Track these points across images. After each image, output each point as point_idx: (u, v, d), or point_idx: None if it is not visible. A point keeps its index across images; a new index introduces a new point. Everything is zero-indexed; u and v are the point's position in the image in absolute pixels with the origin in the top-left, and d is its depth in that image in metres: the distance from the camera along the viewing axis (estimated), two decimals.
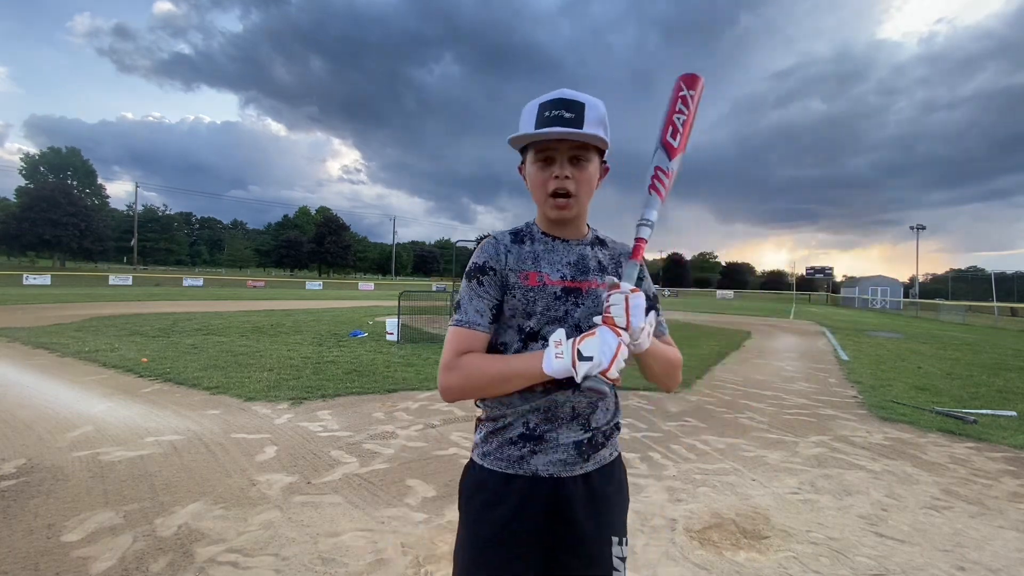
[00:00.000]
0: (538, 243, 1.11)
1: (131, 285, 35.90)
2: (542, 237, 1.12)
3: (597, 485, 1.08)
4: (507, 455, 1.06)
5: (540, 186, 1.06)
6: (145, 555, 2.28)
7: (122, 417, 4.32)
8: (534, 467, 1.05)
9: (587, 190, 1.07)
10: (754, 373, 7.70)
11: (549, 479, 1.05)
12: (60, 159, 65.08)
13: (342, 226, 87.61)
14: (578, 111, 1.00)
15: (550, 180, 1.05)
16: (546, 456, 1.05)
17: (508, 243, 1.11)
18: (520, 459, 1.05)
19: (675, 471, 3.52)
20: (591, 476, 1.08)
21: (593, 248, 1.14)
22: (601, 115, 1.04)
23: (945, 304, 31.19)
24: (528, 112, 1.05)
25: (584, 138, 1.00)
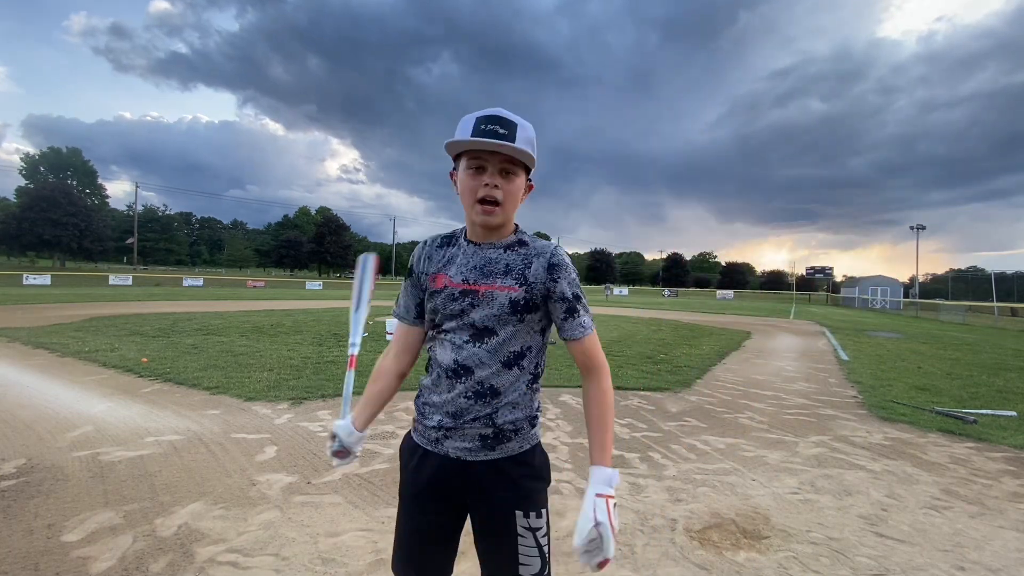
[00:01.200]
0: (457, 247, 1.24)
1: (131, 285, 35.90)
2: (463, 243, 1.24)
3: (506, 469, 1.19)
4: (427, 435, 1.23)
5: (470, 192, 1.15)
6: (145, 555, 2.28)
7: (122, 417, 4.32)
8: (446, 449, 1.20)
9: (513, 201, 1.16)
10: (754, 373, 7.70)
11: (458, 460, 1.19)
12: (60, 159, 65.12)
13: (342, 226, 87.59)
14: (511, 129, 1.10)
15: (480, 187, 1.13)
16: (454, 442, 1.19)
17: (433, 248, 1.27)
18: (436, 440, 1.21)
19: (675, 471, 3.52)
20: (499, 463, 1.19)
21: (508, 251, 1.21)
22: (530, 137, 1.14)
23: (945, 304, 31.18)
24: (464, 123, 1.14)
25: (515, 152, 1.10)
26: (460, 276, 1.19)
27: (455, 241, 1.26)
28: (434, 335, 1.25)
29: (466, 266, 1.20)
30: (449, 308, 1.18)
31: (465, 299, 1.17)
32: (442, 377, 1.20)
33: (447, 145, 1.15)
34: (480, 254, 1.20)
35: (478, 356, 1.16)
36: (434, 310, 1.21)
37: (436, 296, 1.20)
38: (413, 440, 1.28)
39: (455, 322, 1.18)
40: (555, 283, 1.17)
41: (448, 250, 1.24)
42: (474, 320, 1.16)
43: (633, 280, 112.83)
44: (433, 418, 1.22)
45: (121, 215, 77.83)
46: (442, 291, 1.19)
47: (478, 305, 1.16)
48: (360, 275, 1.58)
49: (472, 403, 1.17)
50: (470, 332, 1.17)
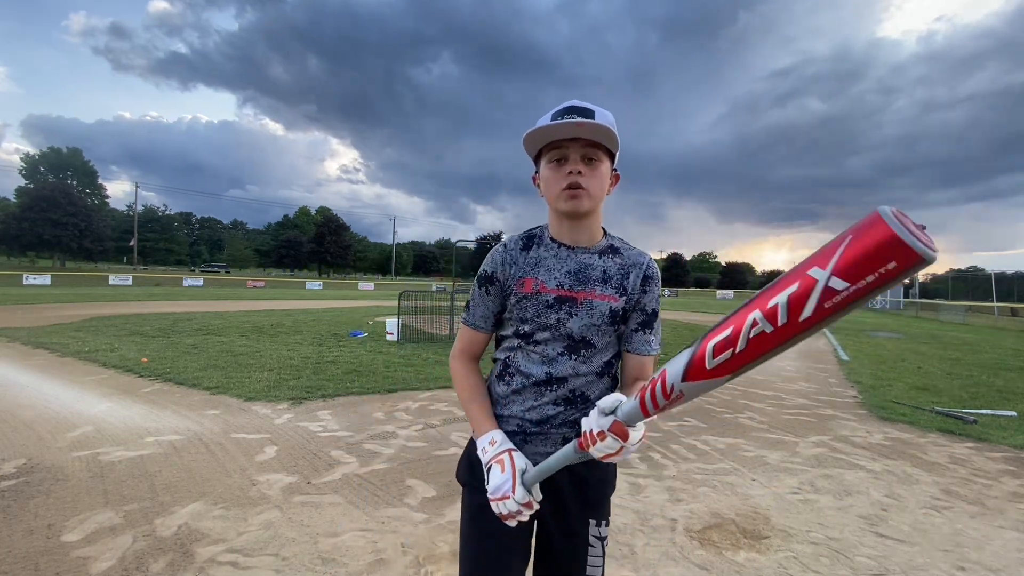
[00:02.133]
0: (544, 249, 1.13)
1: (131, 285, 35.90)
2: (550, 243, 1.14)
3: (583, 474, 1.15)
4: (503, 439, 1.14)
5: (553, 183, 1.07)
6: (145, 555, 2.28)
7: (122, 417, 4.32)
8: (528, 452, 1.13)
9: (599, 188, 1.08)
10: (754, 373, 7.69)
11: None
12: (60, 159, 65.11)
13: (342, 226, 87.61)
14: (588, 114, 1.04)
15: (563, 177, 1.06)
16: (536, 447, 1.13)
17: (516, 250, 1.14)
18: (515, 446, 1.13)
19: (675, 471, 3.52)
20: (576, 469, 1.13)
21: (603, 256, 1.13)
22: (611, 121, 1.06)
23: (945, 304, 31.18)
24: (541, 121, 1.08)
25: (596, 131, 1.02)
26: (554, 281, 1.10)
27: (539, 242, 1.15)
28: (517, 344, 1.14)
29: (560, 271, 1.10)
30: (544, 317, 1.09)
31: (562, 307, 1.09)
32: (527, 387, 1.12)
33: (526, 141, 1.08)
34: (574, 259, 1.11)
35: (574, 368, 1.10)
36: (522, 318, 1.11)
37: (526, 303, 1.10)
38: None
39: (549, 333, 1.10)
40: (644, 295, 1.13)
41: (533, 252, 1.14)
42: (572, 331, 1.09)
43: None
44: (510, 423, 1.15)
45: (121, 215, 77.84)
46: (533, 297, 1.09)
47: (576, 314, 1.08)
48: None
49: (561, 409, 1.12)
50: (565, 343, 1.10)
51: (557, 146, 1.06)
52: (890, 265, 0.51)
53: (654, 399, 0.81)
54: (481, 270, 1.17)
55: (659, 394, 0.80)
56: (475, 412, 1.15)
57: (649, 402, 0.82)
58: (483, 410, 1.15)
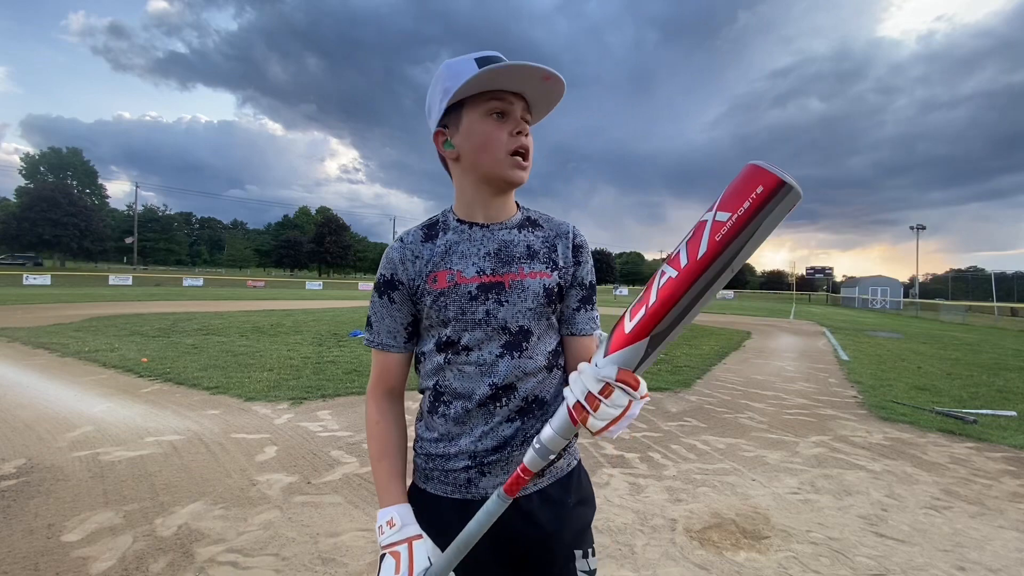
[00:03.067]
0: (452, 233, 0.95)
1: (131, 285, 35.90)
2: (457, 226, 0.95)
3: (556, 498, 0.97)
4: (453, 479, 0.95)
5: (497, 143, 0.88)
6: (145, 555, 2.28)
7: (122, 417, 4.32)
8: (483, 490, 0.94)
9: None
10: (754, 373, 7.70)
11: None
12: (60, 159, 65.13)
13: (342, 226, 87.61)
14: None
15: (510, 138, 0.89)
16: (495, 478, 0.94)
17: (416, 243, 0.95)
18: (468, 482, 0.94)
19: (675, 471, 3.52)
20: (547, 491, 0.97)
21: (522, 230, 0.97)
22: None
23: (945, 304, 31.19)
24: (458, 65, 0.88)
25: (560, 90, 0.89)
26: (473, 268, 0.92)
27: (443, 227, 0.96)
28: (444, 360, 0.94)
29: (477, 255, 0.93)
30: (469, 313, 0.90)
31: (488, 296, 0.90)
32: (470, 412, 0.93)
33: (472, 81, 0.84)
34: (492, 237, 0.94)
35: (520, 369, 0.92)
36: (443, 321, 0.92)
37: (443, 300, 0.91)
38: (427, 494, 0.98)
39: (479, 331, 0.91)
40: (578, 266, 0.98)
41: (440, 240, 0.95)
42: (505, 321, 0.91)
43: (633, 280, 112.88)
44: (461, 459, 0.94)
45: (121, 215, 77.89)
46: (451, 291, 0.90)
47: (507, 300, 0.91)
48: None
49: (519, 425, 0.93)
50: (501, 339, 0.91)
51: (499, 97, 0.88)
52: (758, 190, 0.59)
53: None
54: (377, 276, 0.96)
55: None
56: (381, 474, 0.94)
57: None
58: (391, 472, 0.94)
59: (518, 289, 0.92)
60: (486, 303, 0.90)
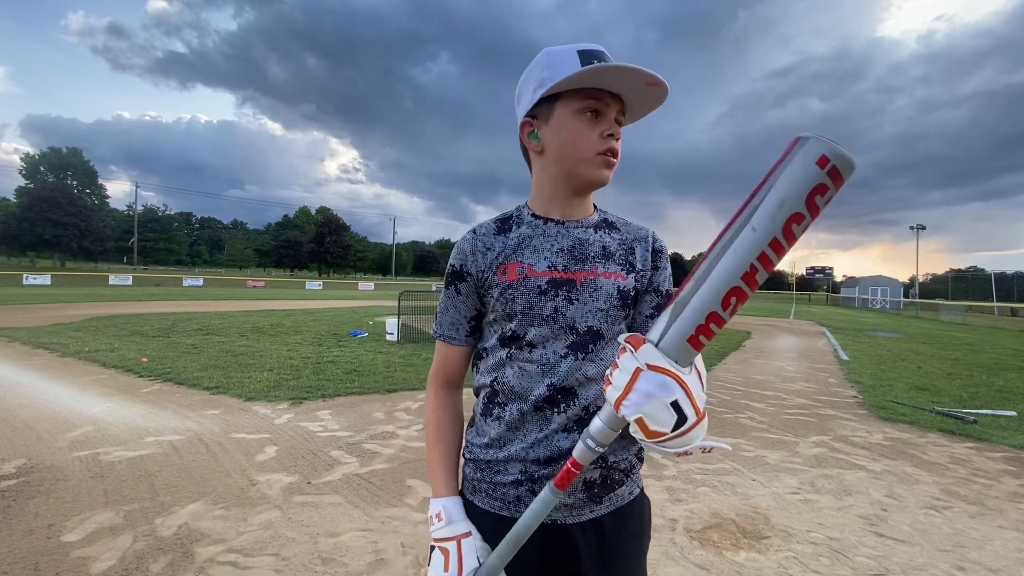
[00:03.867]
0: (525, 227, 0.92)
1: (131, 285, 35.90)
2: (532, 220, 0.92)
3: (611, 530, 0.89)
4: (501, 495, 0.89)
5: (587, 142, 0.85)
6: (145, 555, 2.28)
7: (122, 417, 4.32)
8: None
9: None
10: (754, 373, 7.70)
11: (553, 525, 0.87)
12: (60, 159, 65.15)
13: (342, 226, 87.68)
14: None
15: (601, 139, 0.85)
16: None
17: (489, 235, 0.92)
18: (517, 500, 0.88)
19: (675, 471, 3.52)
20: (602, 521, 0.89)
21: (598, 231, 0.93)
22: None
23: (945, 304, 31.19)
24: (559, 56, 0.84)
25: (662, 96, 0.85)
26: (545, 262, 0.88)
27: (517, 221, 0.93)
28: (505, 356, 0.89)
29: (550, 250, 0.89)
30: (536, 308, 0.86)
31: (558, 292, 0.86)
32: (527, 414, 0.87)
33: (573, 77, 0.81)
34: (567, 234, 0.90)
35: (583, 372, 0.86)
36: (509, 314, 0.87)
37: (511, 293, 0.87)
38: (474, 506, 0.91)
39: (545, 328, 0.86)
40: (656, 272, 0.93)
41: (513, 233, 0.91)
42: (573, 320, 0.86)
43: None
44: (510, 470, 0.88)
45: (121, 215, 77.96)
46: (519, 284, 0.86)
47: (577, 299, 0.86)
48: None
49: (576, 437, 0.85)
50: (568, 339, 0.86)
51: (597, 96, 0.84)
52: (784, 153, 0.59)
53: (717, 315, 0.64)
54: (448, 266, 0.94)
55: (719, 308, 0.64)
56: (434, 461, 0.92)
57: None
58: (443, 461, 0.92)
59: (590, 288, 0.87)
60: (555, 299, 0.86)
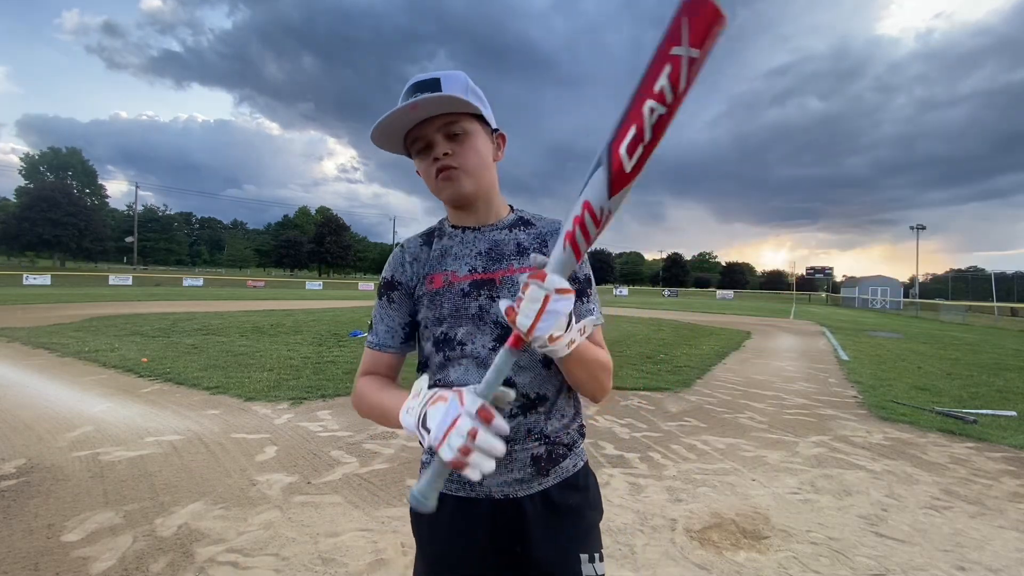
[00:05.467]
0: (447, 238, 1.02)
1: (131, 285, 35.90)
2: (451, 231, 1.02)
3: (559, 500, 0.98)
4: (457, 476, 0.95)
5: (426, 174, 0.97)
6: (145, 555, 2.28)
7: (122, 417, 4.32)
8: (487, 488, 0.96)
9: (477, 160, 0.95)
10: (754, 373, 7.70)
11: (504, 500, 0.96)
12: (60, 159, 65.14)
13: (342, 226, 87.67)
14: (435, 86, 0.92)
15: (431, 164, 0.95)
16: (499, 476, 0.95)
17: (416, 248, 1.03)
18: (472, 481, 0.94)
19: (675, 471, 3.52)
20: (550, 492, 0.98)
21: (513, 230, 1.02)
22: (463, 83, 0.95)
23: (945, 304, 31.19)
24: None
25: (439, 104, 0.89)
26: (466, 267, 0.98)
27: (440, 234, 1.04)
28: (441, 359, 0.98)
29: (469, 255, 0.99)
30: (462, 310, 0.96)
31: (480, 292, 0.96)
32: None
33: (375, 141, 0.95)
34: (483, 238, 1.00)
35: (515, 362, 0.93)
36: (438, 319, 0.98)
37: (439, 299, 0.97)
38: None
39: (471, 326, 0.95)
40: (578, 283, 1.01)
41: (435, 246, 1.02)
42: (496, 316, 0.95)
43: (633, 280, 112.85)
44: None
45: (121, 215, 78.00)
46: (445, 291, 0.97)
47: (498, 296, 0.95)
48: None
49: (520, 419, 0.95)
50: (494, 333, 0.95)
51: (417, 134, 0.94)
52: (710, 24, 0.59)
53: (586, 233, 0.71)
54: (381, 278, 1.04)
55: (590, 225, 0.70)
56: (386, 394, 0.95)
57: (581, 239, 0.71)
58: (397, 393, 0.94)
59: (508, 284, 0.96)
60: (479, 299, 0.96)
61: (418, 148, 0.96)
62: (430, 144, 0.94)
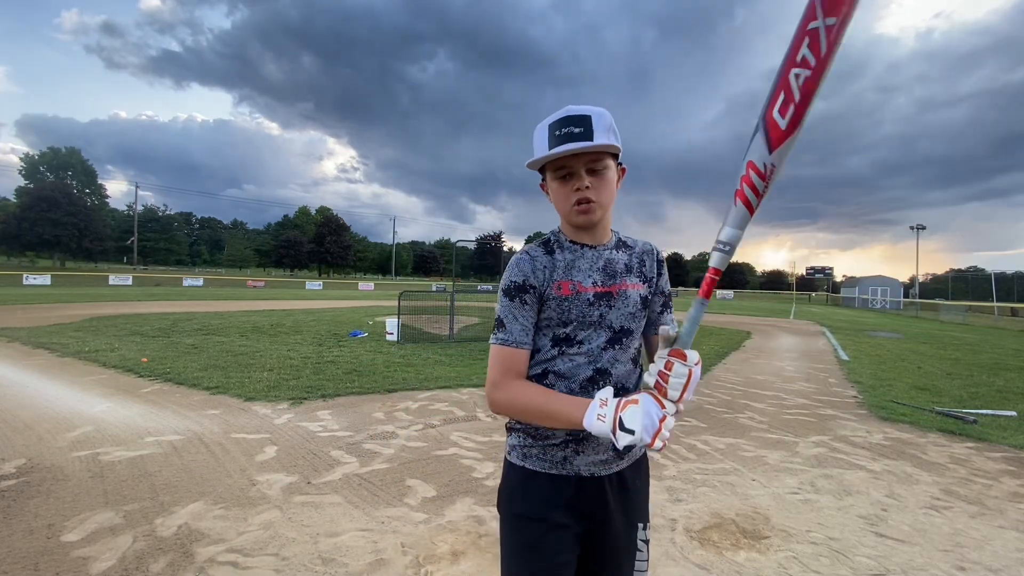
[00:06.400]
0: (567, 251, 1.18)
1: (131, 285, 35.90)
2: (570, 245, 1.18)
3: (629, 479, 1.19)
4: (550, 456, 1.14)
5: (563, 199, 1.12)
6: (145, 555, 2.28)
7: (122, 417, 4.32)
8: (577, 467, 1.14)
9: (608, 195, 1.12)
10: (754, 373, 7.70)
11: (590, 479, 1.15)
12: (60, 159, 65.11)
13: (342, 226, 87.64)
14: (586, 124, 1.05)
15: (571, 193, 1.10)
16: (587, 457, 1.14)
17: (542, 257, 1.17)
18: (564, 460, 1.14)
19: (675, 471, 3.52)
20: (624, 473, 1.19)
21: (618, 251, 1.21)
22: (608, 123, 1.08)
23: (945, 304, 31.19)
24: (540, 134, 1.10)
25: (597, 149, 1.05)
26: (590, 280, 1.15)
27: (559, 247, 1.18)
28: (555, 353, 1.14)
29: (591, 270, 1.16)
30: (587, 315, 1.13)
31: (601, 303, 1.14)
32: (573, 392, 1.12)
33: (529, 165, 1.14)
34: (600, 256, 1.18)
35: (616, 358, 1.15)
36: (564, 322, 1.13)
37: (567, 305, 1.13)
38: (526, 469, 1.16)
39: (591, 330, 1.14)
40: (659, 277, 1.24)
41: (557, 257, 1.17)
42: (612, 322, 1.15)
43: None
44: (556, 435, 1.13)
45: (121, 215, 77.89)
46: (573, 298, 1.13)
47: (614, 307, 1.15)
48: None
49: None
50: (607, 336, 1.14)
51: (562, 163, 1.09)
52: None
53: (754, 189, 0.87)
54: (508, 282, 1.14)
55: (756, 181, 0.86)
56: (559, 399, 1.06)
57: (751, 194, 0.87)
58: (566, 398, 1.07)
59: (623, 297, 1.16)
60: (600, 308, 1.14)
61: (561, 175, 1.10)
62: (572, 174, 1.09)
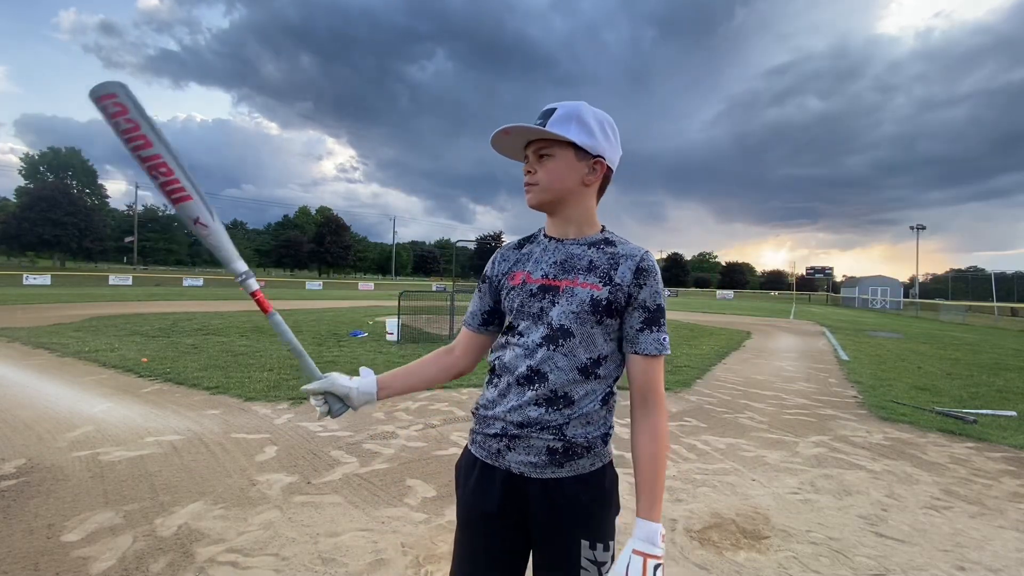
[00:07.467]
0: (537, 244, 1.20)
1: (131, 285, 35.90)
2: (543, 239, 1.19)
3: (569, 492, 1.08)
4: (487, 446, 1.14)
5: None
6: (145, 555, 2.28)
7: (122, 417, 4.32)
8: (508, 463, 1.11)
9: (552, 180, 1.10)
10: (754, 373, 7.70)
11: (519, 476, 1.10)
12: (59, 159, 65.09)
13: (342, 226, 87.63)
14: (548, 115, 1.08)
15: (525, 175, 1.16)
16: (518, 455, 1.09)
17: (509, 249, 1.23)
18: (497, 452, 1.12)
19: (675, 471, 3.52)
20: (563, 482, 1.08)
21: (593, 248, 1.12)
22: (575, 116, 1.07)
23: (945, 304, 31.20)
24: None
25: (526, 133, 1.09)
26: (540, 272, 1.13)
27: (534, 239, 1.21)
28: (504, 342, 1.16)
29: (546, 262, 1.13)
30: (527, 306, 1.11)
31: (544, 295, 1.10)
32: (511, 385, 1.10)
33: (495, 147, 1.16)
34: (562, 250, 1.14)
35: (553, 360, 1.07)
36: (511, 310, 1.15)
37: (513, 294, 1.14)
38: (471, 454, 1.18)
39: (530, 321, 1.11)
40: (639, 288, 1.07)
41: (526, 249, 1.20)
42: (551, 318, 1.08)
43: None
44: (495, 425, 1.12)
45: (121, 215, 77.82)
46: (520, 288, 1.13)
47: (557, 302, 1.08)
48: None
49: (543, 412, 1.07)
50: (545, 332, 1.08)
51: (525, 154, 1.15)
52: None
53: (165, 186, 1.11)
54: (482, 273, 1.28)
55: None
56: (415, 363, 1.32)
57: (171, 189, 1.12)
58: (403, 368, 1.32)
59: (568, 294, 1.09)
60: (542, 301, 1.10)
61: (524, 166, 1.16)
62: (527, 160, 1.14)
